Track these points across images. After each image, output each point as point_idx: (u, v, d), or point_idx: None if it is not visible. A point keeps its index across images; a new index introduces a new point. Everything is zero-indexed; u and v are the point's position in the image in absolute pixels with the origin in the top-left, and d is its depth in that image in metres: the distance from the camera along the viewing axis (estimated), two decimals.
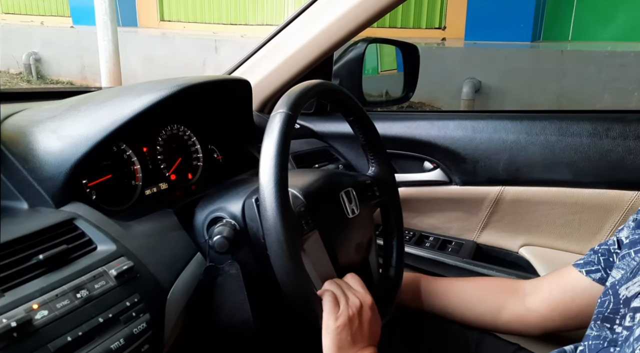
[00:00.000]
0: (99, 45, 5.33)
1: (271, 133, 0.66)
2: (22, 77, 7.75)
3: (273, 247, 0.63)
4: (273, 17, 7.64)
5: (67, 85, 7.56)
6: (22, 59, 7.66)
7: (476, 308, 0.88)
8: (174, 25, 8.42)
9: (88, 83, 7.37)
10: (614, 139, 0.97)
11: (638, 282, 0.63)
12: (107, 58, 5.39)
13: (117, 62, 5.45)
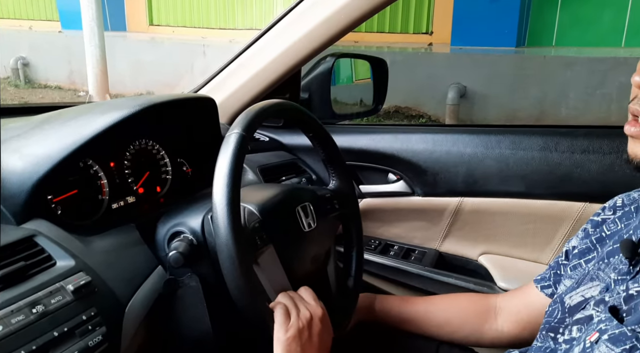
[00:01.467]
0: (86, 51, 5.34)
1: (225, 153, 0.69)
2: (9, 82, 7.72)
3: (225, 263, 0.66)
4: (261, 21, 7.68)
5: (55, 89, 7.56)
6: (10, 64, 7.64)
7: (459, 331, 0.91)
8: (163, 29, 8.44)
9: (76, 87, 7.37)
10: (562, 153, 1.02)
11: (581, 291, 0.67)
12: (94, 64, 5.40)
13: (104, 68, 5.47)
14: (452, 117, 5.59)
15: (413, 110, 6.13)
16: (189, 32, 8.15)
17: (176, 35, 7.98)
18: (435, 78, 5.84)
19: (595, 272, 0.67)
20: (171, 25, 8.43)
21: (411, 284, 1.16)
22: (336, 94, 2.02)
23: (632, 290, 0.55)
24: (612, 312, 0.56)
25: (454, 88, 5.59)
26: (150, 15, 8.50)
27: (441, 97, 5.66)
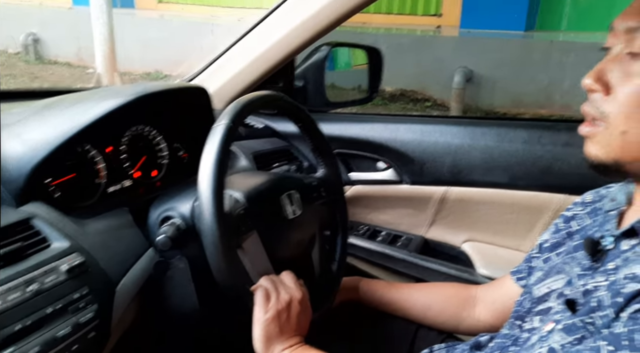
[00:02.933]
0: (94, 29, 5.35)
1: (211, 143, 0.73)
2: (20, 57, 7.76)
3: (209, 247, 0.71)
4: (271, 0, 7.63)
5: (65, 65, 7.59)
6: (20, 40, 7.67)
7: (438, 317, 0.95)
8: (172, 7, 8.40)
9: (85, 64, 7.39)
10: (544, 146, 1.05)
11: (548, 283, 0.70)
12: (102, 41, 5.41)
13: (112, 46, 5.48)
14: (457, 101, 5.56)
15: (418, 94, 6.10)
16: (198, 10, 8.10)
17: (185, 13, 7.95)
18: (441, 61, 5.80)
19: (562, 265, 0.70)
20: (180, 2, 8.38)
21: (396, 269, 1.21)
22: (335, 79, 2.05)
23: (589, 285, 0.58)
24: (569, 304, 0.59)
25: (460, 72, 5.56)
26: None
27: (447, 81, 5.63)
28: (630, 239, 0.58)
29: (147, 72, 7.10)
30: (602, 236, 0.63)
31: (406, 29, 6.81)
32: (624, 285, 0.51)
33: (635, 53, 0.53)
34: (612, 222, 0.63)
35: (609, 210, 0.66)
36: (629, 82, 0.54)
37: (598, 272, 0.59)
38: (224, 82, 1.22)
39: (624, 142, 0.56)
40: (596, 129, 0.58)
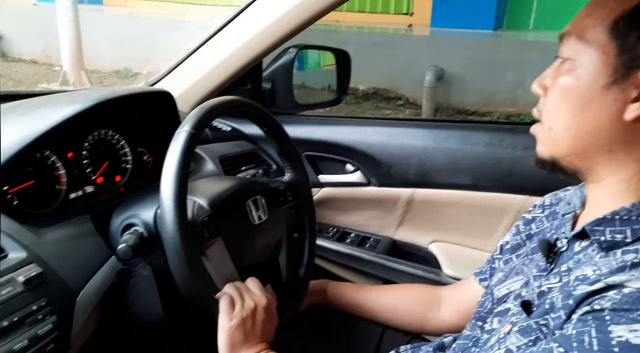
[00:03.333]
0: (59, 26, 5.22)
1: (173, 150, 0.73)
2: None
3: (171, 255, 0.71)
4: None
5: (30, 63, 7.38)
6: None
7: (404, 318, 0.97)
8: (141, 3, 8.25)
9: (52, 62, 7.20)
10: (505, 148, 1.07)
11: (507, 284, 0.72)
12: (69, 39, 5.29)
13: (79, 43, 5.35)
14: (429, 99, 5.63)
15: (391, 92, 6.16)
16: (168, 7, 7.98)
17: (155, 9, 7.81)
18: (413, 60, 5.86)
19: (521, 267, 0.72)
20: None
21: (365, 270, 1.22)
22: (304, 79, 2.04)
23: (544, 287, 0.60)
24: (525, 306, 0.61)
25: (432, 70, 5.63)
26: None
27: (419, 80, 5.70)
28: (581, 241, 0.60)
29: (116, 70, 6.96)
30: (557, 238, 0.65)
31: (378, 27, 6.86)
32: (575, 287, 0.53)
33: (562, 57, 0.58)
34: (567, 225, 0.66)
35: (565, 214, 0.68)
36: (556, 83, 0.58)
37: (552, 274, 0.61)
38: (191, 85, 1.21)
39: (552, 138, 0.60)
40: (537, 129, 0.63)
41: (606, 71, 0.53)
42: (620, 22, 0.52)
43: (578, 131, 0.57)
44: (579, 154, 0.58)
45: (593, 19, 0.55)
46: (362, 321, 0.99)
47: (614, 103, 0.53)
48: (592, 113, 0.55)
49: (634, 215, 0.54)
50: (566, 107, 0.57)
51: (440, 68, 5.73)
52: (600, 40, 0.54)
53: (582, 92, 0.55)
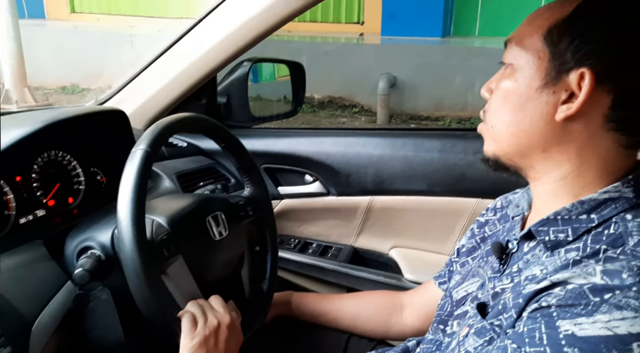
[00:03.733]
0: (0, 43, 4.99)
1: (129, 170, 0.72)
2: None
3: (130, 276, 0.69)
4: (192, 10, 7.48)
5: None
6: None
7: (367, 325, 0.98)
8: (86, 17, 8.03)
9: None
10: (457, 154, 1.12)
11: (465, 286, 0.74)
12: (9, 55, 5.07)
13: (20, 60, 5.14)
14: (383, 106, 5.75)
15: (346, 100, 6.24)
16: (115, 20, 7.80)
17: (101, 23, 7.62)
18: (366, 68, 5.97)
19: (477, 269, 0.75)
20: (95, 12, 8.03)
21: (327, 280, 1.23)
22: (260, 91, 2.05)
23: (497, 288, 0.63)
24: (481, 308, 0.63)
25: (385, 78, 5.75)
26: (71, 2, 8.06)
27: (373, 87, 5.81)
28: (529, 242, 0.63)
29: (62, 86, 6.73)
30: (509, 240, 0.68)
31: (331, 37, 6.96)
32: (524, 287, 0.55)
33: (505, 63, 0.62)
34: (516, 227, 0.69)
35: (514, 216, 0.71)
36: (498, 85, 0.63)
37: (504, 275, 0.64)
38: (144, 101, 1.19)
39: (494, 136, 0.64)
40: (482, 127, 0.67)
41: (540, 74, 0.57)
42: (554, 30, 0.56)
43: (515, 129, 0.60)
44: (518, 151, 0.61)
45: (531, 27, 0.59)
46: (326, 330, 1.00)
47: (546, 104, 0.57)
48: (528, 113, 0.59)
49: (574, 215, 0.57)
50: (506, 107, 0.61)
51: (392, 75, 5.86)
52: (536, 46, 0.57)
53: (519, 93, 0.59)
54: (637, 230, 0.53)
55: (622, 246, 0.52)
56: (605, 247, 0.53)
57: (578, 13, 0.55)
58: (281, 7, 1.01)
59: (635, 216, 0.55)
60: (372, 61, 6.04)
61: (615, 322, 0.45)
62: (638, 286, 0.46)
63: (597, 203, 0.56)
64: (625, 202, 0.56)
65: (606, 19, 0.54)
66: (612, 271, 0.49)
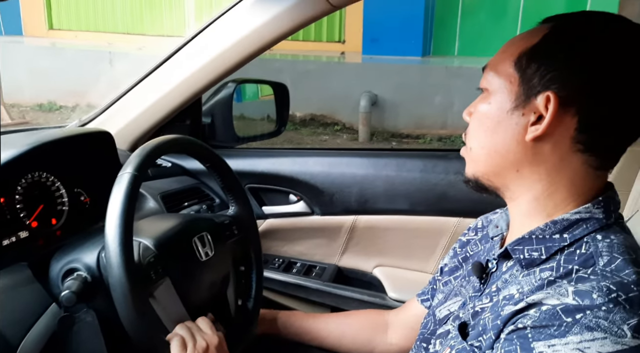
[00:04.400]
0: None
1: (117, 194, 0.72)
2: None
3: (119, 300, 0.69)
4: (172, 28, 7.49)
5: None
6: None
7: (353, 344, 0.98)
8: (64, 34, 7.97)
9: None
10: (438, 174, 1.15)
11: (447, 305, 0.76)
12: None
13: None
14: (364, 124, 5.82)
15: (328, 118, 6.30)
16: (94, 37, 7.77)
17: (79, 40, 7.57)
18: (348, 87, 6.05)
19: (459, 288, 0.77)
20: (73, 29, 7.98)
21: (312, 299, 1.24)
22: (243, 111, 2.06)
23: (477, 307, 0.65)
24: (462, 327, 0.65)
25: (366, 96, 5.83)
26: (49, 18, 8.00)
27: (355, 105, 5.88)
28: (507, 261, 0.66)
29: (38, 103, 6.64)
30: (488, 260, 0.70)
31: (312, 55, 7.04)
32: (502, 308, 0.57)
33: (482, 88, 0.65)
34: (496, 247, 0.71)
35: (493, 236, 0.74)
36: (476, 109, 0.66)
37: (484, 294, 0.66)
38: (128, 122, 1.20)
39: (472, 157, 0.67)
40: (463, 150, 0.69)
41: (511, 97, 0.60)
42: (523, 57, 0.60)
43: (490, 151, 0.63)
44: (494, 172, 0.64)
45: (504, 54, 0.63)
46: (312, 349, 1.01)
47: (517, 125, 0.60)
48: (501, 134, 0.62)
49: (547, 234, 0.59)
50: (481, 129, 0.64)
51: (373, 94, 5.95)
52: (507, 72, 0.61)
53: (493, 116, 0.62)
54: (607, 250, 0.55)
55: (592, 266, 0.54)
56: (577, 267, 0.55)
57: (545, 41, 0.59)
58: (266, 31, 1.03)
59: (605, 236, 0.57)
60: (354, 80, 6.12)
61: (586, 343, 0.47)
62: (607, 305, 0.48)
63: (570, 223, 0.59)
64: (596, 223, 0.58)
65: (570, 47, 0.57)
66: (583, 291, 0.50)
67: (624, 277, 0.51)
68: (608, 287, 0.50)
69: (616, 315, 0.48)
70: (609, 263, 0.53)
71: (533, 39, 0.60)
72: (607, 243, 0.56)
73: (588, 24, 0.59)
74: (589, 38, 0.57)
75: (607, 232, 0.58)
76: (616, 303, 0.49)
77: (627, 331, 0.47)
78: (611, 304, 0.48)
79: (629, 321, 0.47)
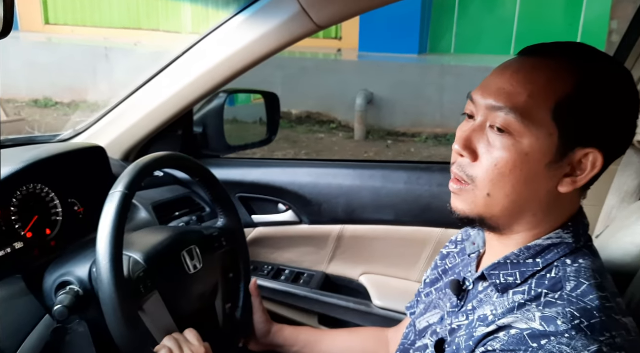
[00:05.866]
0: None
1: (107, 212, 0.75)
2: None
3: (109, 314, 0.73)
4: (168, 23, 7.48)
5: None
6: None
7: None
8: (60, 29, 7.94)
9: None
10: (423, 186, 1.18)
11: (427, 317, 0.78)
12: None
13: None
14: (360, 122, 5.84)
15: (324, 116, 6.32)
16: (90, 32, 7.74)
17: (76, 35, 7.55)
18: (344, 84, 6.07)
19: (438, 301, 0.79)
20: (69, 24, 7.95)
21: (300, 306, 1.28)
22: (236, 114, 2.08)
23: (454, 324, 0.67)
24: (439, 344, 0.67)
25: (362, 94, 5.85)
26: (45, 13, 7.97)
27: (351, 103, 5.90)
28: (483, 282, 0.68)
29: (34, 99, 6.64)
30: (465, 278, 0.73)
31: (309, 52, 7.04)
32: (476, 329, 0.60)
33: (498, 127, 0.59)
34: (472, 265, 0.73)
35: (470, 254, 0.76)
36: (493, 152, 0.60)
37: (461, 312, 0.69)
38: (121, 133, 1.22)
39: (488, 202, 0.62)
40: (464, 188, 0.64)
41: (551, 150, 0.58)
42: (563, 108, 0.57)
43: (517, 199, 0.60)
44: (510, 216, 0.62)
45: (535, 100, 0.57)
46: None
47: (553, 178, 0.59)
48: (534, 186, 0.59)
49: (521, 259, 0.62)
50: (510, 178, 0.59)
51: (370, 92, 5.96)
52: (546, 122, 0.57)
53: (529, 168, 0.58)
54: (574, 275, 0.57)
55: (560, 290, 0.56)
56: (546, 291, 0.57)
57: (580, 92, 0.57)
58: (254, 48, 1.06)
59: (574, 261, 0.59)
60: (350, 77, 6.14)
61: None
62: (570, 333, 0.51)
63: (542, 248, 0.61)
64: (566, 247, 0.60)
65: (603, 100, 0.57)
66: (549, 317, 0.53)
67: (588, 302, 0.54)
68: (572, 313, 0.52)
69: (578, 342, 0.50)
70: (575, 288, 0.56)
71: (566, 87, 0.57)
72: (576, 267, 0.58)
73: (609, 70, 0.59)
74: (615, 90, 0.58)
75: (576, 256, 0.60)
76: (579, 330, 0.51)
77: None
78: (574, 331, 0.51)
79: (589, 347, 0.50)
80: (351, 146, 5.69)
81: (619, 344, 0.51)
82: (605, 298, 0.55)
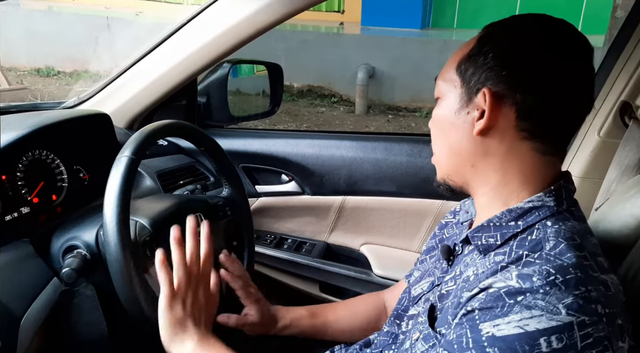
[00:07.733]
0: None
1: (115, 176, 0.76)
2: None
3: (116, 277, 0.74)
4: None
5: None
6: None
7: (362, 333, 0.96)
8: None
9: None
10: (425, 159, 1.19)
11: (421, 284, 0.80)
12: None
13: None
14: (361, 96, 5.80)
15: (325, 90, 6.28)
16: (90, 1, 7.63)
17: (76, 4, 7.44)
18: (345, 58, 6.01)
19: (432, 269, 0.81)
20: None
21: (301, 274, 1.30)
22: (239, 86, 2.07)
23: (443, 290, 0.69)
24: (431, 311, 0.69)
25: (363, 68, 5.80)
26: None
27: (352, 77, 5.86)
28: (469, 246, 0.70)
29: (36, 68, 6.59)
30: (456, 244, 0.75)
31: (311, 25, 6.95)
32: (461, 295, 0.61)
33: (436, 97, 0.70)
34: (464, 232, 0.74)
35: (463, 221, 0.78)
36: (432, 116, 0.71)
37: (449, 277, 0.70)
38: (125, 101, 1.23)
39: (437, 162, 0.72)
40: (432, 159, 0.74)
41: (456, 99, 0.66)
42: (463, 63, 0.65)
43: (447, 152, 0.68)
44: (454, 171, 0.69)
45: (449, 64, 0.68)
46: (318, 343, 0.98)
47: (465, 123, 0.65)
48: (453, 134, 0.67)
49: (503, 222, 0.64)
50: (438, 133, 0.70)
51: (371, 66, 5.91)
52: (451, 78, 0.67)
53: (444, 119, 0.67)
54: (554, 235, 0.59)
55: (540, 250, 0.58)
56: (526, 252, 0.59)
57: (479, 45, 0.65)
58: (263, 15, 1.05)
59: (555, 223, 0.61)
60: (351, 51, 6.08)
61: (525, 320, 0.51)
62: (544, 288, 0.52)
63: (523, 211, 0.63)
64: (548, 210, 0.62)
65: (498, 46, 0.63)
66: (525, 275, 0.54)
67: (565, 260, 0.55)
68: (548, 270, 0.54)
69: (552, 297, 0.52)
70: (554, 247, 0.57)
71: (470, 45, 0.66)
72: (556, 229, 0.59)
73: (514, 25, 0.65)
74: (514, 37, 0.63)
75: (557, 218, 0.61)
76: (553, 285, 0.52)
77: (561, 309, 0.51)
78: (548, 287, 0.52)
79: (563, 300, 0.51)
80: (352, 120, 5.67)
81: (594, 297, 0.52)
82: (583, 257, 0.56)
